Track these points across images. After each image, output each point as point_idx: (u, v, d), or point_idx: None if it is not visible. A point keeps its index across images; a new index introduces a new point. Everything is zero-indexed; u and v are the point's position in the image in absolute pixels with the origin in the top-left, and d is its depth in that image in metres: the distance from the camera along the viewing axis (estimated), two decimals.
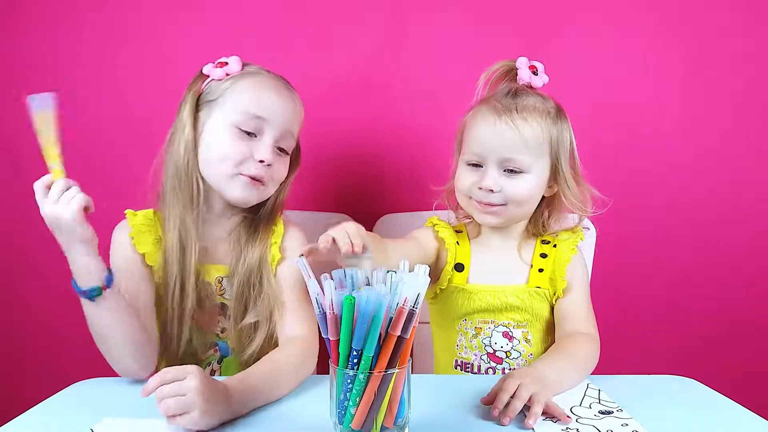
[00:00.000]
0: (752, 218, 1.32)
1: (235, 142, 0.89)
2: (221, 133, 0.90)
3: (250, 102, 0.90)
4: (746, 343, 1.34)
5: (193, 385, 0.64)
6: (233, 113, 0.90)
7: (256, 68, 0.95)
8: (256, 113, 0.89)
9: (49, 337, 1.39)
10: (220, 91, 0.91)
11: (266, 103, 0.90)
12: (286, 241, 0.95)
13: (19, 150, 1.34)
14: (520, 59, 0.96)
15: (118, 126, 1.32)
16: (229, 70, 0.92)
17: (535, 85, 0.95)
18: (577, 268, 0.97)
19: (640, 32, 1.29)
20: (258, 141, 0.90)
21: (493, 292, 0.95)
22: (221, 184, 0.91)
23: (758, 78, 1.29)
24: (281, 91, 0.93)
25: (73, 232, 0.79)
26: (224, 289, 0.94)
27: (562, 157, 0.93)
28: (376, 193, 1.33)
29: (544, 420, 0.69)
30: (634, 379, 0.84)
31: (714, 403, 0.75)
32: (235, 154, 0.89)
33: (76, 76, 1.32)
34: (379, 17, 1.30)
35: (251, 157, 0.89)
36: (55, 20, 1.31)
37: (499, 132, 0.90)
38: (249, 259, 0.92)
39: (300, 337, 0.87)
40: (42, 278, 1.37)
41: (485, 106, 0.93)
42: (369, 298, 0.57)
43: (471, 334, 0.96)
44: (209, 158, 0.90)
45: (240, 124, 0.89)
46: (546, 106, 0.93)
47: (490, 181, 0.91)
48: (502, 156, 0.90)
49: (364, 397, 0.59)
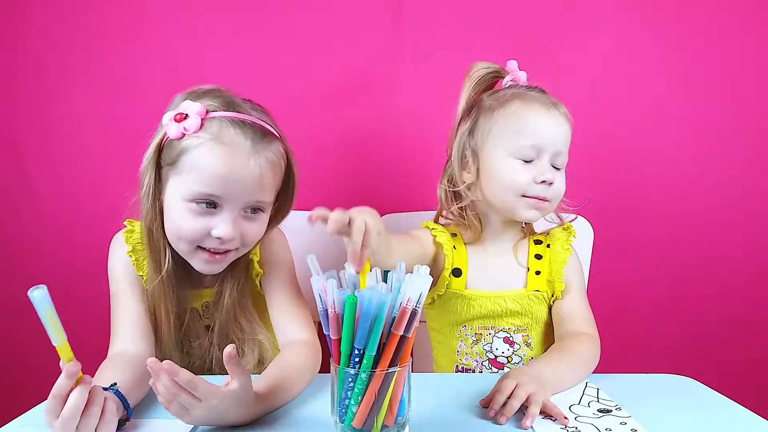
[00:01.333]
0: (752, 218, 1.32)
1: (189, 217, 0.80)
2: (176, 207, 0.81)
3: (205, 178, 0.78)
4: (746, 343, 1.34)
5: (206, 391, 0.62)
6: (187, 188, 0.79)
7: (219, 123, 0.80)
8: (209, 192, 0.79)
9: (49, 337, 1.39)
10: (176, 155, 0.80)
11: (223, 179, 0.78)
12: (266, 251, 0.93)
13: (19, 150, 1.34)
14: (510, 62, 0.98)
15: (118, 125, 1.32)
16: (186, 127, 0.79)
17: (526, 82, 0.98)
18: (574, 268, 0.97)
19: (640, 32, 1.29)
20: (216, 215, 0.81)
21: (492, 298, 0.95)
22: (184, 256, 0.85)
23: (758, 78, 1.29)
24: (244, 163, 0.79)
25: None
26: (210, 313, 0.92)
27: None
28: (376, 193, 1.33)
29: (543, 419, 0.69)
30: (633, 378, 0.84)
31: (714, 403, 0.76)
32: (188, 234, 0.81)
33: (77, 75, 1.32)
34: (380, 17, 1.30)
35: (207, 233, 0.80)
36: (56, 20, 1.31)
37: (555, 123, 0.90)
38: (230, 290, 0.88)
39: (302, 341, 0.86)
40: (42, 278, 1.36)
41: (518, 99, 0.92)
42: (372, 298, 0.57)
43: (471, 340, 0.96)
44: (169, 232, 0.83)
45: (193, 200, 0.79)
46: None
47: (550, 174, 0.89)
48: (556, 149, 0.90)
49: (365, 395, 0.59)
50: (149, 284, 0.86)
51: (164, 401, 0.63)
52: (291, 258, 0.97)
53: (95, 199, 1.34)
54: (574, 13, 1.29)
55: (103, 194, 1.33)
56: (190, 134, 0.79)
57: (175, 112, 0.80)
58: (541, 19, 1.29)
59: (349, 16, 1.30)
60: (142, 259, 0.88)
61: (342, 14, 1.30)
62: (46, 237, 1.36)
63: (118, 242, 0.91)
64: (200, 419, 0.65)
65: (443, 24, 1.30)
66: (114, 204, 0.92)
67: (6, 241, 1.37)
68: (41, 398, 0.78)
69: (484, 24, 1.30)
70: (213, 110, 0.81)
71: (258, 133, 0.82)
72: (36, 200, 1.35)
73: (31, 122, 1.33)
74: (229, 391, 0.64)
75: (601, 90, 1.30)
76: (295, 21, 1.30)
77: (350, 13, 1.30)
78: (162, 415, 0.70)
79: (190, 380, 0.62)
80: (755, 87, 1.29)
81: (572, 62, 1.29)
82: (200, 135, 0.79)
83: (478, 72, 0.97)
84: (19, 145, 1.34)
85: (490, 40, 1.29)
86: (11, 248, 1.37)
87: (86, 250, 1.34)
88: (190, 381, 0.62)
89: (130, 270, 0.88)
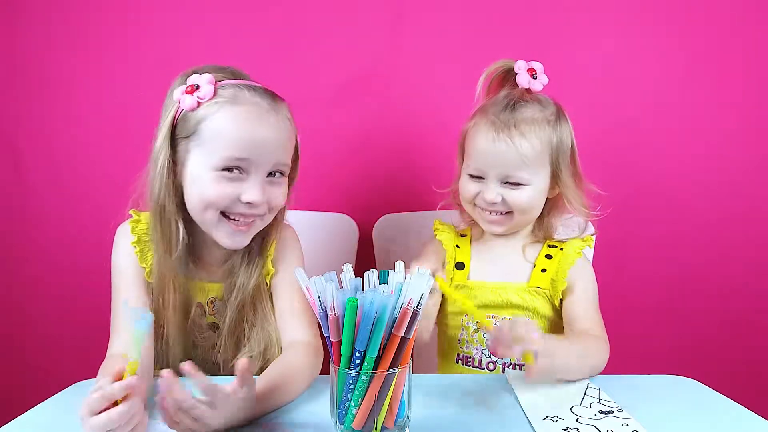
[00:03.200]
0: (752, 218, 1.32)
1: (218, 185, 0.80)
2: (202, 177, 0.80)
3: (231, 142, 0.79)
4: (746, 343, 1.34)
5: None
6: (213, 156, 0.79)
7: (232, 87, 0.82)
8: (238, 156, 0.79)
9: (49, 337, 1.39)
10: (195, 126, 0.80)
11: (249, 141, 0.79)
12: (279, 250, 0.93)
13: (19, 150, 1.34)
14: (518, 63, 0.95)
15: (118, 125, 1.32)
16: (201, 96, 0.79)
17: (535, 88, 0.94)
18: (582, 272, 0.95)
19: (640, 32, 1.29)
20: (245, 180, 0.81)
21: (493, 289, 0.95)
22: (208, 229, 0.84)
23: (759, 78, 1.29)
24: (266, 119, 0.81)
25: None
26: (216, 309, 0.91)
27: (562, 161, 0.94)
28: (376, 193, 1.33)
29: (544, 419, 0.69)
30: (634, 379, 0.84)
31: (714, 403, 0.75)
32: (218, 199, 0.80)
33: (77, 75, 1.32)
34: (380, 17, 1.30)
35: (237, 199, 0.81)
36: (56, 20, 1.31)
37: (499, 150, 0.90)
38: (244, 287, 0.88)
39: (305, 342, 0.85)
40: (42, 278, 1.37)
41: (484, 118, 0.93)
42: (374, 300, 0.57)
43: (472, 328, 0.96)
44: (192, 204, 0.83)
45: (222, 167, 0.80)
46: (545, 114, 0.93)
47: (491, 195, 0.92)
48: (501, 173, 0.91)
49: (365, 397, 0.59)
50: (155, 271, 0.85)
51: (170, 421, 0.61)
52: (301, 258, 0.96)
53: (95, 199, 1.33)
54: (575, 12, 1.29)
55: (103, 194, 1.33)
56: (205, 102, 0.79)
57: (183, 87, 0.81)
58: (541, 19, 1.29)
59: (350, 16, 1.30)
60: (147, 250, 0.87)
61: (342, 14, 1.30)
62: (46, 237, 1.36)
63: (122, 233, 0.89)
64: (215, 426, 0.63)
65: (443, 24, 1.30)
66: (114, 203, 0.92)
67: (6, 241, 1.37)
68: (41, 398, 0.78)
69: (485, 24, 1.29)
70: (221, 79, 0.82)
71: (270, 94, 0.84)
72: (35, 200, 1.35)
73: (31, 122, 1.33)
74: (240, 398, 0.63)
75: (601, 90, 1.30)
76: (295, 21, 1.30)
77: (351, 13, 1.30)
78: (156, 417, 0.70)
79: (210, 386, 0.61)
80: (756, 87, 1.29)
81: (572, 62, 1.29)
82: (217, 100, 0.80)
83: (489, 69, 0.98)
84: (19, 145, 1.34)
85: (491, 40, 1.29)
86: (11, 248, 1.37)
87: (86, 249, 1.35)
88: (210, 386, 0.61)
89: (133, 263, 0.87)
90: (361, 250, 1.27)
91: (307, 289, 0.61)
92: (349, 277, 0.63)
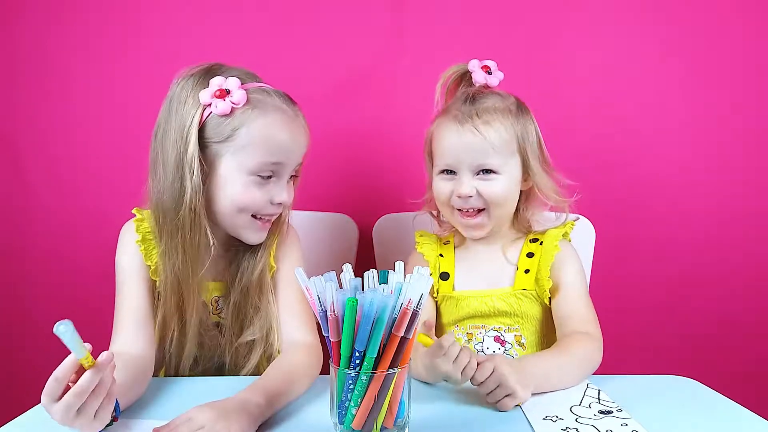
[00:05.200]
0: (752, 218, 1.32)
1: (252, 190, 0.83)
2: (235, 181, 0.83)
3: (270, 149, 0.83)
4: (746, 343, 1.34)
5: (204, 418, 0.63)
6: (250, 161, 0.82)
7: (259, 92, 0.84)
8: (275, 161, 0.84)
9: (49, 337, 1.39)
10: (231, 131, 0.81)
11: (283, 146, 0.84)
12: (281, 248, 0.94)
13: (19, 150, 1.34)
14: (471, 62, 0.96)
15: (118, 125, 1.32)
16: (235, 102, 0.80)
17: (492, 84, 0.95)
18: (564, 266, 0.94)
19: (640, 32, 1.29)
20: (274, 183, 0.85)
21: (480, 298, 0.95)
22: (235, 230, 0.87)
23: (759, 78, 1.29)
24: (294, 124, 0.85)
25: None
26: (220, 308, 0.92)
27: (530, 150, 0.93)
28: (376, 193, 1.33)
29: (544, 419, 0.69)
30: (634, 379, 0.84)
31: (714, 403, 0.75)
32: (252, 203, 0.84)
33: (76, 75, 1.32)
34: (379, 17, 1.30)
35: (268, 201, 0.85)
36: (57, 20, 1.31)
37: (466, 141, 0.90)
38: (247, 276, 0.89)
39: (305, 343, 0.86)
40: (42, 278, 1.37)
41: (446, 116, 0.94)
42: (373, 300, 0.56)
43: (463, 340, 0.96)
44: (222, 207, 0.84)
45: (258, 172, 0.83)
46: (506, 104, 0.93)
47: (466, 188, 0.91)
48: (473, 163, 0.91)
49: (365, 397, 0.59)
50: (169, 275, 0.84)
51: None
52: (302, 258, 0.97)
53: (95, 199, 1.33)
54: (575, 12, 1.29)
55: (104, 193, 1.33)
56: (239, 107, 0.81)
57: (211, 90, 0.80)
58: (542, 19, 1.29)
59: (350, 16, 1.30)
60: (152, 248, 0.86)
61: (343, 14, 1.30)
62: (46, 237, 1.36)
63: (127, 232, 0.89)
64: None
65: (443, 23, 1.30)
66: (114, 203, 0.92)
67: (6, 240, 1.37)
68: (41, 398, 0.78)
69: (485, 24, 1.29)
70: (244, 82, 0.83)
71: (289, 98, 0.88)
72: (36, 200, 1.35)
73: (31, 122, 1.33)
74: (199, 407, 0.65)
75: (601, 90, 1.30)
76: (295, 21, 1.30)
77: (351, 13, 1.30)
78: (152, 416, 0.71)
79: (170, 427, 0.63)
80: (757, 87, 1.29)
81: (572, 62, 1.29)
82: (251, 106, 0.82)
83: (446, 74, 0.99)
84: (19, 145, 1.34)
85: (491, 39, 1.29)
86: (11, 248, 1.37)
87: (86, 249, 1.35)
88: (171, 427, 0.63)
89: (137, 261, 0.87)
90: (361, 250, 1.27)
91: (307, 289, 0.61)
92: (348, 277, 0.63)
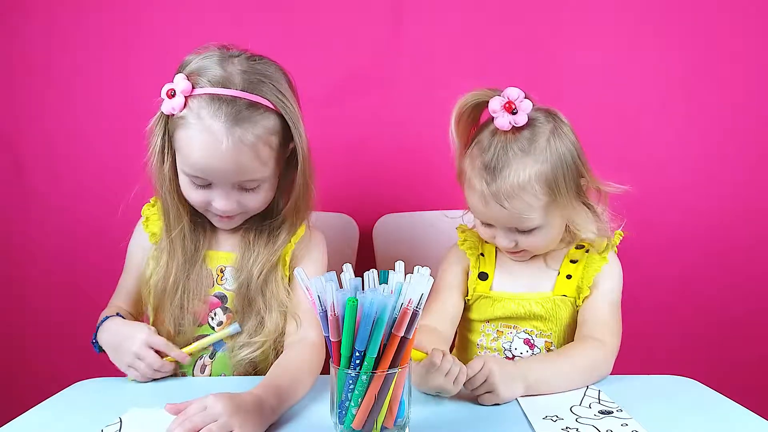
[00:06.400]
0: (753, 218, 1.32)
1: (192, 190, 0.85)
2: (181, 176, 0.86)
3: (188, 164, 0.83)
4: (746, 343, 1.34)
5: (220, 409, 0.63)
6: (182, 163, 0.84)
7: (201, 101, 0.80)
8: (195, 175, 0.83)
9: (49, 337, 1.39)
10: (173, 129, 0.83)
11: (198, 167, 0.82)
12: (301, 246, 0.94)
13: (19, 150, 1.34)
14: (492, 103, 0.84)
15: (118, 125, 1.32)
16: (174, 107, 0.81)
17: (519, 123, 0.83)
18: (607, 277, 0.93)
19: (640, 32, 1.29)
20: (214, 189, 0.85)
21: (517, 300, 0.94)
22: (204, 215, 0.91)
23: (759, 78, 1.29)
24: (218, 150, 0.79)
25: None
26: (225, 279, 0.92)
27: (566, 195, 0.86)
28: (376, 193, 1.33)
29: (544, 419, 0.69)
30: (634, 379, 0.84)
31: (714, 403, 0.75)
32: (194, 203, 0.87)
33: (77, 75, 1.32)
34: (379, 16, 1.30)
35: (209, 204, 0.86)
36: (56, 20, 1.31)
37: (494, 212, 0.86)
38: (256, 262, 0.89)
39: (311, 341, 0.86)
40: (42, 278, 1.37)
41: (472, 180, 0.86)
42: (373, 300, 0.56)
43: (492, 336, 0.95)
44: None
45: (189, 174, 0.84)
46: (537, 146, 0.84)
47: (505, 242, 0.89)
48: (508, 226, 0.88)
49: (365, 397, 0.59)
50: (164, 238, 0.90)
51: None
52: (323, 259, 0.97)
53: (95, 199, 1.33)
54: (575, 12, 1.29)
55: (104, 193, 1.33)
56: (177, 113, 0.81)
57: (166, 87, 0.83)
58: (542, 19, 1.29)
59: (350, 16, 1.30)
60: (155, 224, 0.94)
61: (342, 14, 1.30)
62: (46, 236, 1.36)
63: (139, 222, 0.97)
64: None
65: (444, 23, 1.30)
66: (114, 203, 0.92)
67: (6, 240, 1.37)
68: (41, 398, 0.78)
69: (485, 24, 1.29)
70: (200, 86, 0.81)
71: (240, 110, 0.80)
72: (36, 200, 1.35)
73: (32, 122, 1.33)
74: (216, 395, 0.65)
75: (601, 90, 1.30)
76: (295, 21, 1.30)
77: (350, 13, 1.30)
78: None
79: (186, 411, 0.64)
80: (757, 87, 1.29)
81: (572, 62, 1.29)
82: (184, 114, 0.81)
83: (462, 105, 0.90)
84: (20, 146, 1.34)
85: (491, 39, 1.29)
86: (11, 248, 1.37)
87: (86, 249, 1.35)
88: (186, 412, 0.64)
89: (139, 241, 0.95)
90: (361, 250, 1.27)
91: (307, 289, 0.61)
92: (348, 277, 0.63)
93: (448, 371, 0.72)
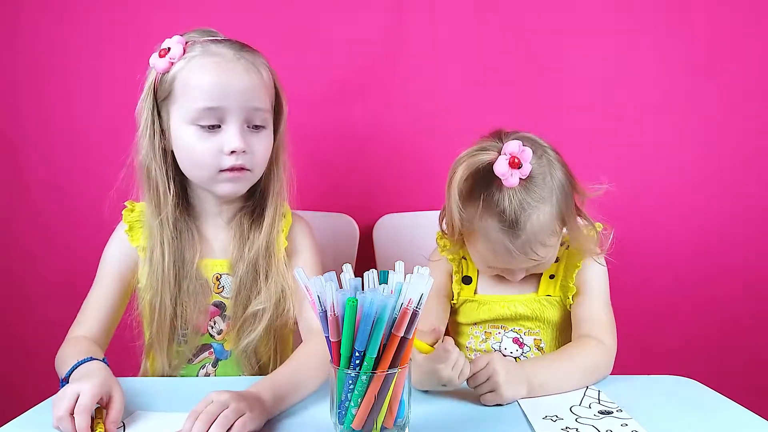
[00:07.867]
0: (752, 218, 1.31)
1: (199, 142, 0.83)
2: (184, 134, 0.84)
3: (201, 93, 0.82)
4: (746, 343, 1.34)
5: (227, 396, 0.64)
6: (187, 110, 0.83)
7: (201, 43, 0.85)
8: (208, 105, 0.82)
9: (49, 337, 1.38)
10: (169, 86, 0.84)
11: (218, 89, 0.82)
12: (294, 233, 0.94)
13: (19, 150, 1.34)
14: (499, 164, 0.81)
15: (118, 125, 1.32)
16: (172, 57, 0.83)
17: (525, 174, 0.81)
18: (590, 273, 0.93)
19: (640, 32, 1.29)
20: (223, 131, 0.83)
21: (502, 303, 0.95)
22: (206, 185, 0.88)
23: (759, 78, 1.29)
24: (232, 67, 0.83)
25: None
26: (222, 286, 0.91)
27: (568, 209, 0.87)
28: (376, 193, 1.33)
29: (544, 419, 0.69)
30: (634, 379, 0.84)
31: (714, 403, 0.75)
32: (204, 156, 0.84)
33: (77, 75, 1.32)
34: (379, 16, 1.30)
35: (221, 151, 0.83)
36: (57, 20, 1.31)
37: (520, 263, 0.87)
38: (255, 244, 0.88)
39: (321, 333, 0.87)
40: (42, 278, 1.37)
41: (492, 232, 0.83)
42: (373, 301, 0.56)
43: (481, 338, 0.96)
44: (184, 165, 0.87)
45: (197, 120, 0.83)
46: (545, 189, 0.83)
47: (518, 276, 0.91)
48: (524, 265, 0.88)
49: (365, 397, 0.59)
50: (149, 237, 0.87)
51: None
52: (314, 245, 0.97)
53: (95, 199, 1.32)
54: (575, 12, 1.29)
55: (103, 193, 1.32)
56: (176, 61, 0.83)
57: (156, 52, 0.85)
58: (542, 19, 1.29)
59: (350, 16, 1.30)
60: (139, 228, 0.91)
61: (342, 13, 1.30)
62: (46, 236, 1.36)
63: (118, 227, 0.94)
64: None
65: (444, 23, 1.30)
66: (114, 204, 0.92)
67: (6, 242, 1.37)
68: (41, 398, 0.78)
69: (485, 24, 1.29)
70: (193, 40, 0.86)
71: (239, 44, 0.87)
72: (36, 201, 1.35)
73: (31, 122, 1.33)
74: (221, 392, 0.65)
75: (601, 90, 1.30)
76: (295, 21, 1.30)
77: (351, 13, 1.30)
78: (160, 409, 0.71)
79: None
80: (757, 87, 1.29)
81: (572, 62, 1.29)
82: (186, 57, 0.83)
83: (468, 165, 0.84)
84: (19, 146, 1.34)
85: (491, 39, 1.29)
86: (11, 248, 1.37)
87: (86, 249, 1.34)
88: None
89: (116, 256, 0.92)
90: (361, 250, 1.27)
91: (307, 289, 0.61)
92: (348, 277, 0.63)
93: (455, 362, 0.72)
